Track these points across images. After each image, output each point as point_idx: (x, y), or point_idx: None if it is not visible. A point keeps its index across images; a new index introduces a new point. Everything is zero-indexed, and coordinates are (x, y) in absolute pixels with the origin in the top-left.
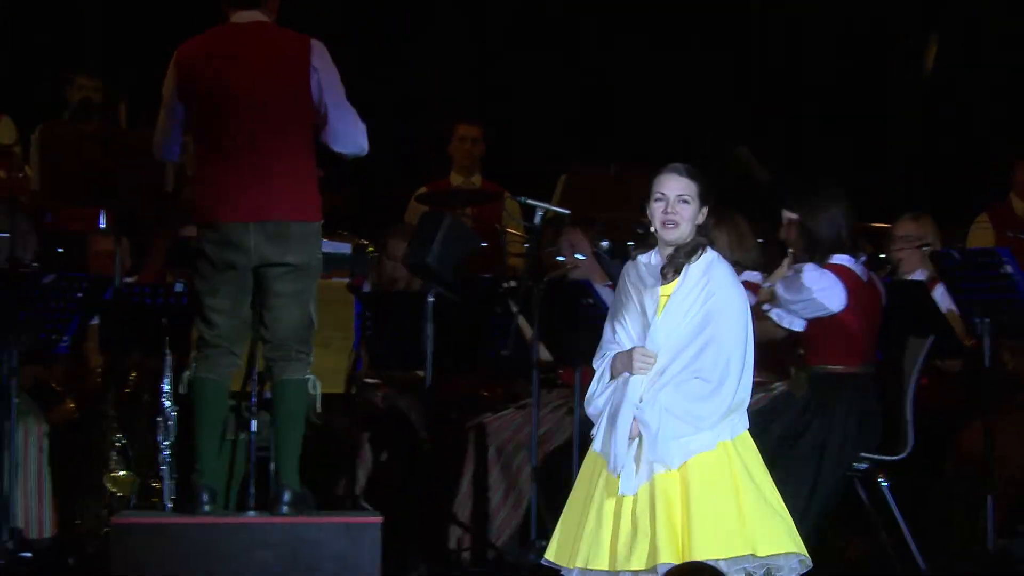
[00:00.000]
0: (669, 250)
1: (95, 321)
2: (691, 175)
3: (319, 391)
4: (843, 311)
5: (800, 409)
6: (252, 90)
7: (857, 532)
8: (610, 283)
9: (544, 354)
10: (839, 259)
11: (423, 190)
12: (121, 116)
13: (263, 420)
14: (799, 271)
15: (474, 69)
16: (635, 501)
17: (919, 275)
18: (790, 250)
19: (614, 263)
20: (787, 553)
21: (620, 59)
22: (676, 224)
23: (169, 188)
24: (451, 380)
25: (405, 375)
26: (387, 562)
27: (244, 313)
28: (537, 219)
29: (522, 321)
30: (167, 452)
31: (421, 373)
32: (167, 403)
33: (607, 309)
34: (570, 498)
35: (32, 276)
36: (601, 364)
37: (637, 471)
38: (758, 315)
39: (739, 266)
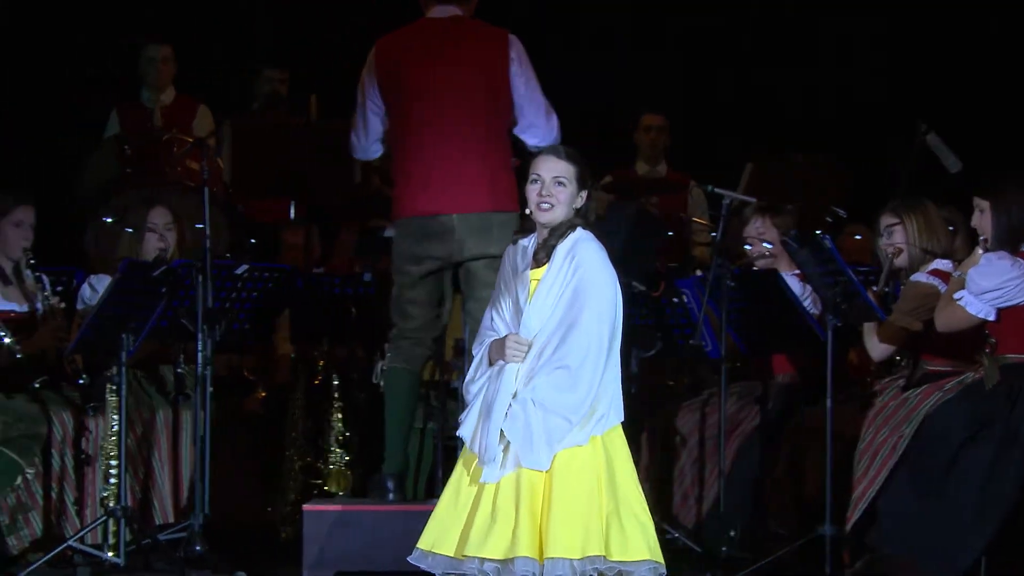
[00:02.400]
0: (544, 233)
1: (286, 311)
2: (569, 158)
3: None
4: None
5: (991, 398)
6: (452, 84)
7: None
8: (798, 272)
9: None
10: None
11: (608, 179)
12: (311, 108)
13: (453, 409)
14: (991, 260)
15: (658, 59)
16: (497, 489)
17: None
18: (982, 238)
19: (802, 251)
20: (640, 560)
21: (805, 49)
22: (551, 206)
23: (357, 179)
24: (636, 370)
25: None
26: None
27: (439, 305)
28: (724, 208)
29: (709, 310)
30: (355, 440)
31: None
32: (355, 392)
33: (796, 298)
34: (445, 486)
35: (225, 267)
36: (479, 350)
37: (504, 462)
38: (950, 303)
39: (929, 254)
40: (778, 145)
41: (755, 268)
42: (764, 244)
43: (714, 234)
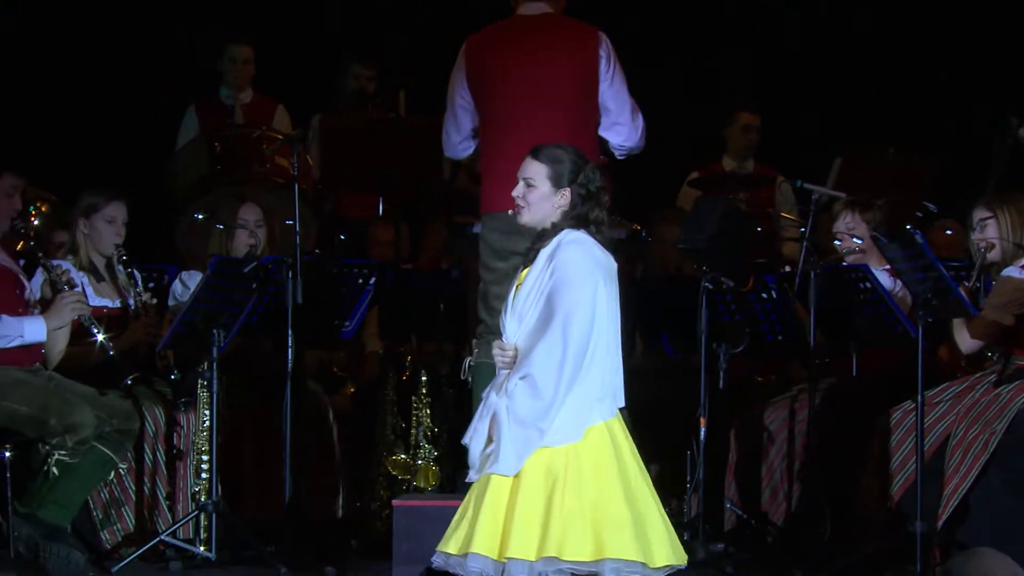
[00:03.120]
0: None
1: (374, 307)
2: (544, 158)
3: None
4: None
5: None
6: (542, 81)
7: None
8: (888, 267)
9: (820, 339)
10: None
11: (695, 175)
12: (400, 104)
13: None
14: None
15: (748, 55)
16: (475, 487)
17: None
18: None
19: (892, 246)
20: (600, 560)
21: (891, 41)
22: (522, 207)
23: (445, 175)
24: (725, 366)
25: (678, 359)
26: None
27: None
28: (813, 203)
29: (798, 306)
30: (443, 436)
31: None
32: (444, 387)
33: (886, 293)
34: None
35: (314, 263)
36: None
37: (484, 460)
38: None
39: (1022, 249)
40: (868, 139)
41: (844, 264)
42: (854, 239)
43: (803, 229)
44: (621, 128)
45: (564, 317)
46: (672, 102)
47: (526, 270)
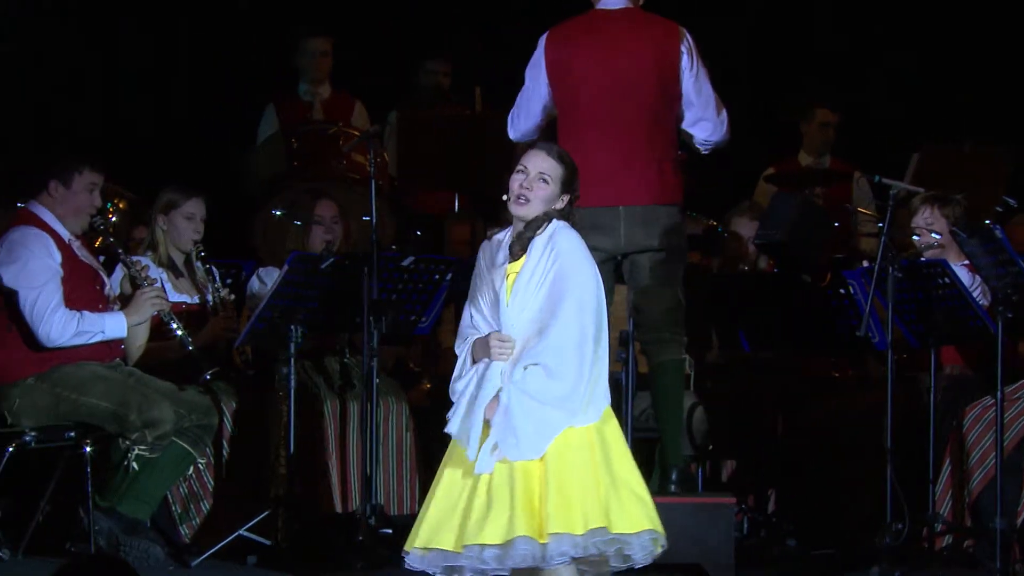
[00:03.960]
0: (520, 226)
1: (450, 304)
2: (559, 158)
3: (693, 371)
4: None
5: None
6: (622, 76)
7: None
8: (967, 262)
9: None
10: None
11: (771, 170)
12: (476, 100)
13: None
14: None
15: (824, 50)
16: (491, 477)
17: None
18: None
19: (971, 241)
20: (639, 532)
21: (969, 34)
22: (527, 200)
23: None
24: (802, 361)
25: (752, 356)
26: (742, 543)
27: (606, 298)
28: (891, 198)
29: (876, 301)
30: None
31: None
32: None
33: (965, 288)
34: (432, 487)
35: (392, 259)
36: (462, 348)
37: (493, 450)
38: None
39: None
40: (947, 133)
41: (923, 259)
42: (932, 234)
43: (881, 224)
44: (706, 124)
45: (578, 300)
46: (748, 97)
47: (519, 262)
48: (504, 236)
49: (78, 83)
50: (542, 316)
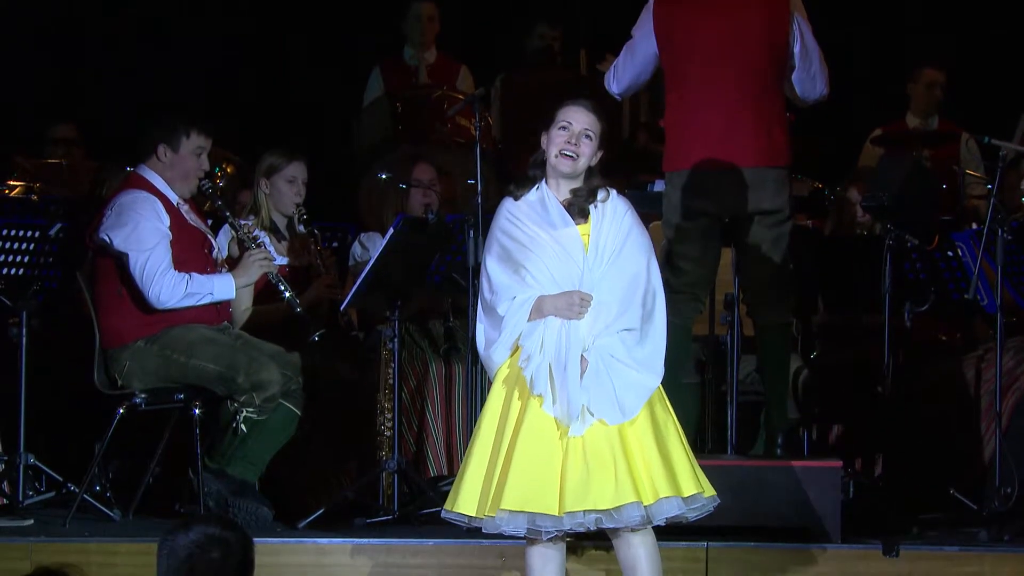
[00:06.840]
0: (564, 188)
1: None
2: (598, 114)
3: (800, 334)
4: None
5: None
6: (731, 37)
7: None
8: None
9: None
10: None
11: (878, 132)
12: (582, 63)
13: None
14: None
15: (932, 10)
16: (583, 440)
17: None
18: None
19: None
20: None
21: None
22: (575, 157)
23: (625, 135)
24: (910, 324)
25: (866, 318)
26: (848, 507)
27: (712, 260)
28: (1000, 159)
29: (985, 264)
30: None
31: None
32: None
33: None
34: (475, 448)
35: None
36: (508, 307)
37: (585, 415)
38: None
39: None
40: None
41: None
42: None
43: (990, 186)
44: (809, 82)
45: (648, 264)
46: (856, 58)
47: (586, 224)
48: (543, 195)
49: (187, 48)
50: (621, 281)
